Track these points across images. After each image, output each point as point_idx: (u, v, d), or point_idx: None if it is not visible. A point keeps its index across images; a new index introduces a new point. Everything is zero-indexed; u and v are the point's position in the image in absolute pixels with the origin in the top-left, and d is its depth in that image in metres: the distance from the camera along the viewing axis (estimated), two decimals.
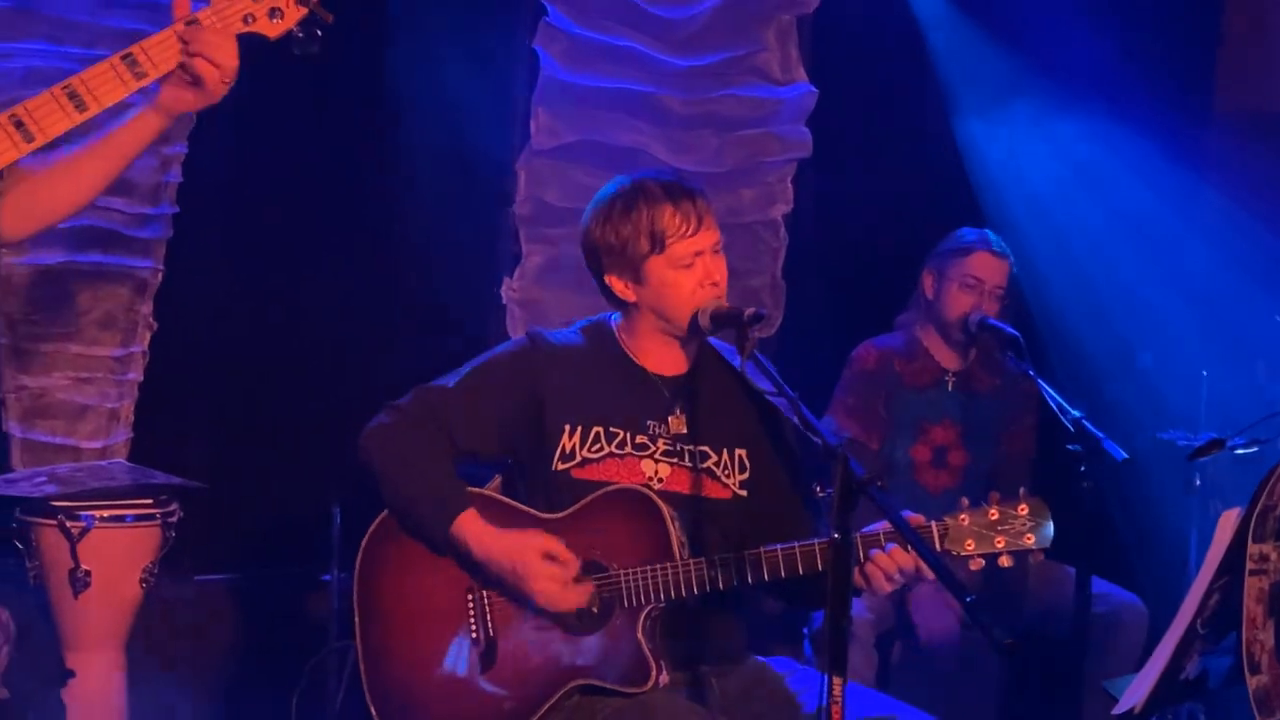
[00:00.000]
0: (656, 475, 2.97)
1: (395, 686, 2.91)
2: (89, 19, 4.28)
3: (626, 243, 2.94)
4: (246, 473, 4.49)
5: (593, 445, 2.96)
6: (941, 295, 4.20)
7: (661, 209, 2.93)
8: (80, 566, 3.74)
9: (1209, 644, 2.48)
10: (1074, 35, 5.17)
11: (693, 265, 2.93)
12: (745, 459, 3.02)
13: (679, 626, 2.90)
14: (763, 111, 5.29)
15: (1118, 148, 5.16)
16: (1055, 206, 5.14)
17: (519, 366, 3.01)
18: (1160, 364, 4.84)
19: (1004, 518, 2.78)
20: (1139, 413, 4.37)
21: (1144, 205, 5.19)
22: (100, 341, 4.44)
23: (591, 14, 5.00)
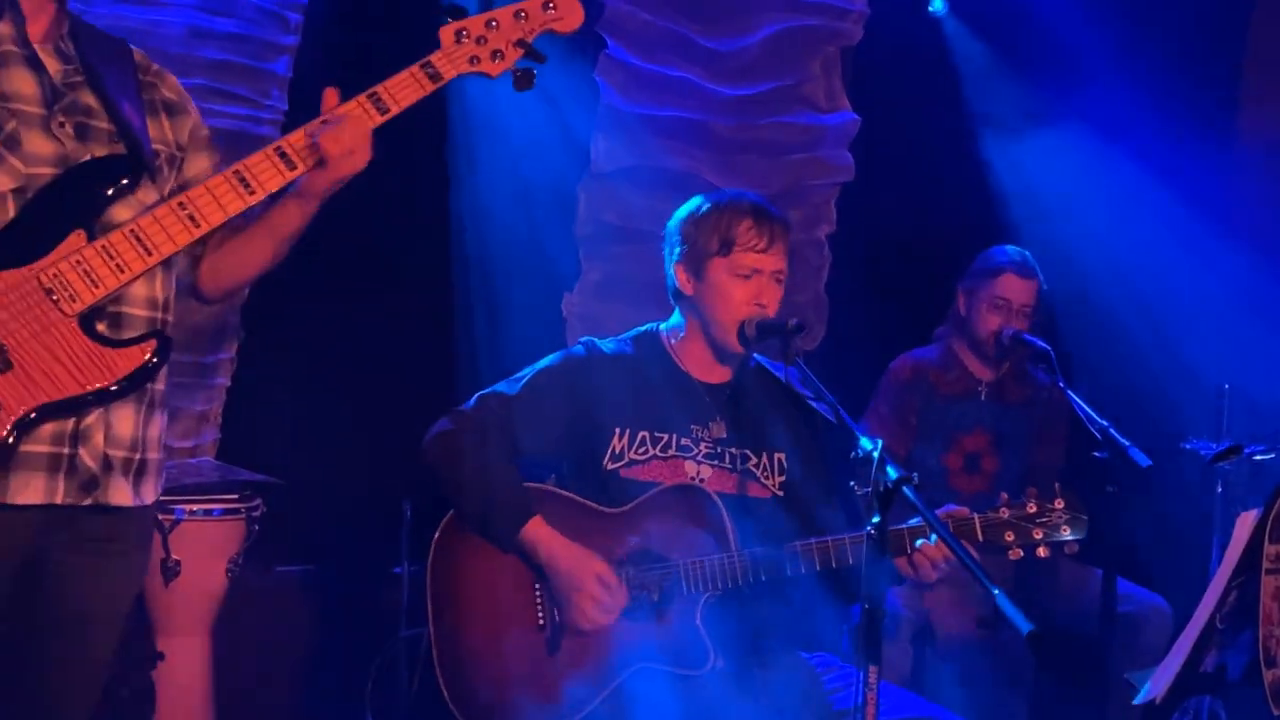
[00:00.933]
0: (699, 476, 2.99)
1: (468, 671, 2.92)
2: (183, 50, 4.34)
3: (700, 237, 2.99)
4: (324, 471, 4.49)
5: (639, 448, 2.99)
6: (973, 313, 4.19)
7: (742, 219, 2.97)
8: (171, 556, 3.77)
9: (1227, 639, 2.47)
10: (1099, 62, 5.14)
11: (750, 280, 2.96)
12: (783, 461, 3.04)
13: (731, 615, 2.91)
14: (808, 137, 5.30)
15: (1143, 168, 5.13)
16: (1081, 224, 5.10)
17: (573, 374, 3.03)
18: (1184, 377, 4.80)
19: (1041, 511, 2.82)
20: (1163, 423, 4.33)
21: (1168, 224, 5.14)
22: (192, 349, 4.46)
23: (648, 47, 5.03)
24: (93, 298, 2.28)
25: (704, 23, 5.12)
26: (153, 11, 4.29)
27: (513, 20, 2.54)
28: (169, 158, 2.49)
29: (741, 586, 2.87)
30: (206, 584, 3.87)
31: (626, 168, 5.04)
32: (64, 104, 2.34)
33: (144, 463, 2.43)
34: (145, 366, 2.31)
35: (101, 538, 2.39)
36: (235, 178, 2.37)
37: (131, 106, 2.40)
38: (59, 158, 2.31)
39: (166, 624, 3.86)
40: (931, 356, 4.28)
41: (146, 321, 2.38)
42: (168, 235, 2.33)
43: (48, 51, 2.37)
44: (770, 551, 2.86)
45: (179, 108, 2.53)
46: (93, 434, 2.33)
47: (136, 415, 2.39)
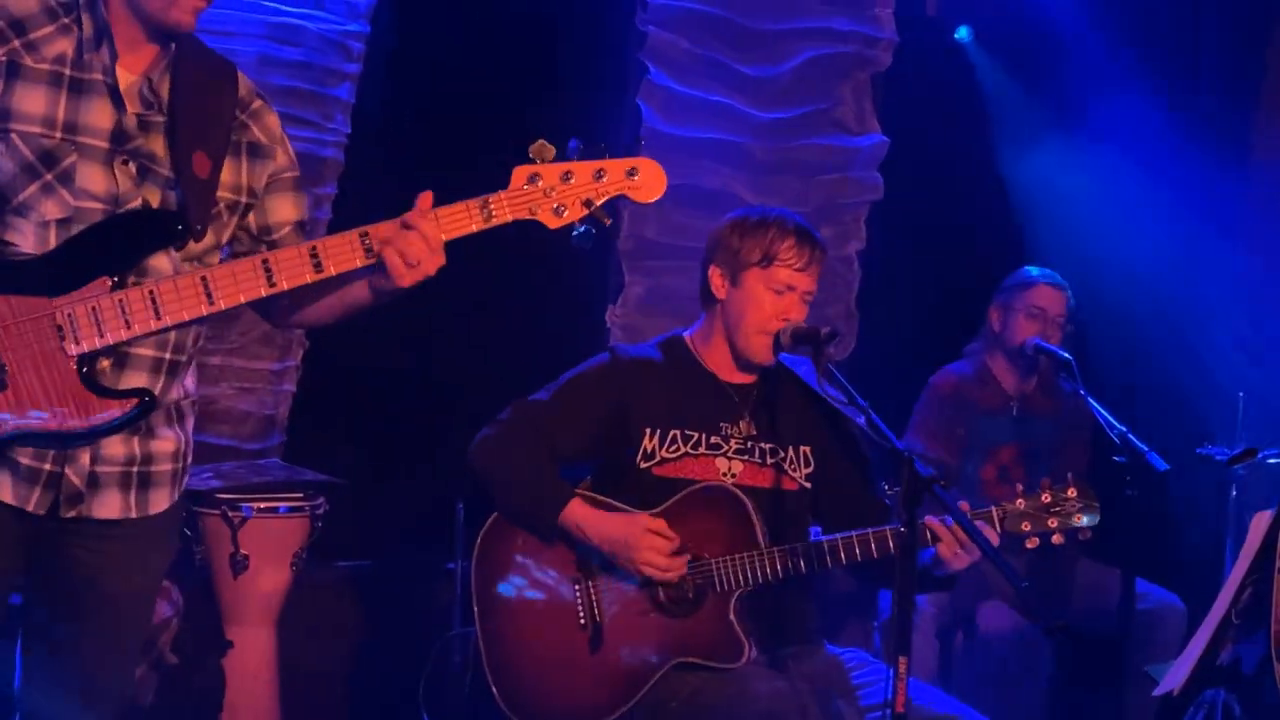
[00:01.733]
0: (730, 471, 2.97)
1: (514, 669, 2.92)
2: (254, 77, 4.31)
3: (743, 246, 2.98)
4: (383, 472, 4.51)
5: (670, 446, 2.97)
6: (1008, 325, 4.16)
7: (786, 237, 2.97)
8: (239, 551, 3.79)
9: (1242, 634, 2.45)
10: (1117, 78, 5.12)
11: (782, 295, 2.96)
12: (810, 455, 3.02)
13: (763, 609, 2.90)
14: (840, 158, 5.27)
15: (1161, 182, 5.09)
16: (1101, 237, 5.07)
17: (603, 379, 3.03)
18: (1201, 385, 4.76)
19: (1055, 500, 2.79)
20: (1181, 429, 4.29)
21: (1186, 237, 5.11)
22: (260, 357, 4.49)
23: (688, 73, 5.03)
24: (94, 345, 2.22)
25: (741, 51, 5.11)
26: (225, 41, 4.31)
27: (590, 179, 2.38)
28: (231, 204, 2.39)
29: (772, 582, 2.85)
30: (273, 577, 3.87)
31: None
32: (132, 145, 2.27)
33: (147, 476, 2.35)
34: (114, 421, 2.23)
35: (94, 542, 2.33)
36: (262, 266, 2.28)
37: (207, 157, 2.31)
38: (111, 196, 2.25)
39: (235, 615, 3.87)
40: (968, 372, 4.26)
41: (152, 361, 2.31)
42: (181, 305, 2.25)
43: (134, 90, 2.29)
44: (799, 547, 2.84)
45: (265, 151, 2.43)
46: (79, 455, 2.27)
47: (128, 439, 2.32)
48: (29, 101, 2.21)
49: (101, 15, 2.25)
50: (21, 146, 2.20)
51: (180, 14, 2.23)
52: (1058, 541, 2.78)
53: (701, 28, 5.02)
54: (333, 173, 4.49)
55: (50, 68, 2.23)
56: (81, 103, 2.24)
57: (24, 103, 2.21)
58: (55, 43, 2.24)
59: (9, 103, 2.20)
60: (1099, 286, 4.86)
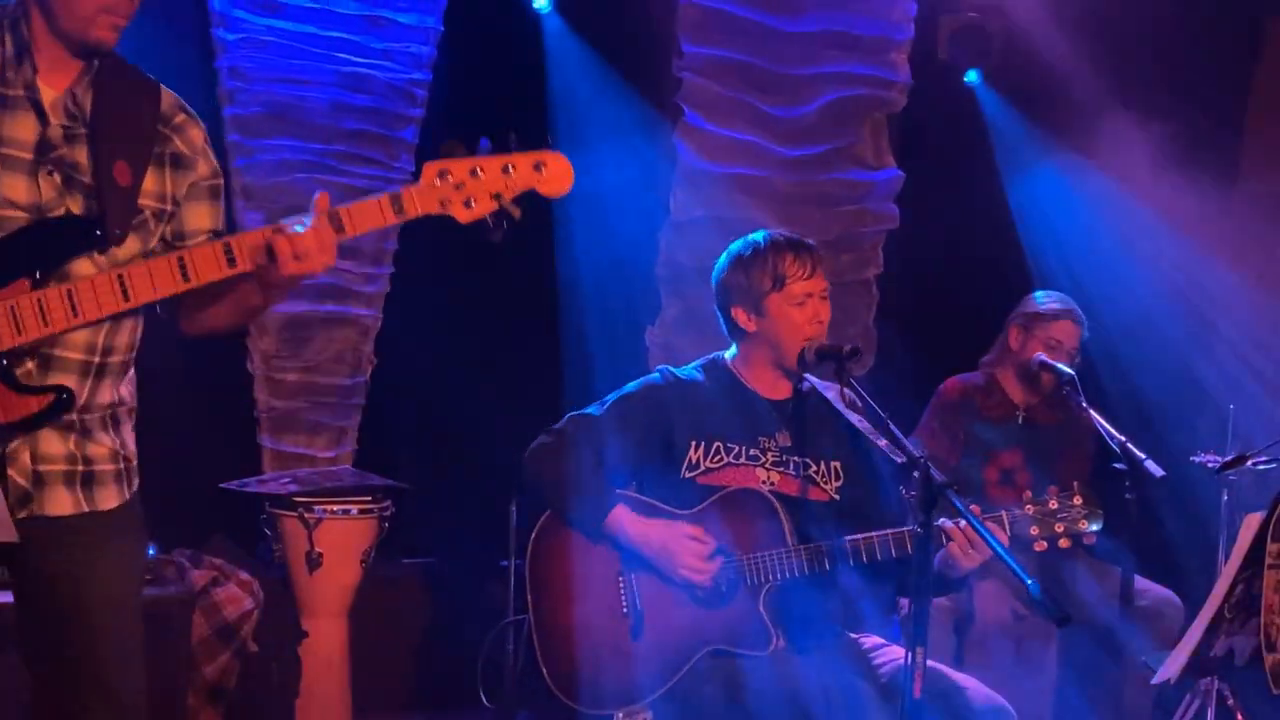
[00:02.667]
0: (768, 479, 2.96)
1: (563, 653, 2.91)
2: (327, 122, 4.42)
3: (753, 281, 2.95)
4: (443, 477, 4.52)
5: (714, 457, 2.95)
6: (1026, 348, 4.11)
7: (784, 255, 2.94)
8: (314, 549, 3.82)
9: (1235, 627, 2.42)
10: (1114, 110, 5.09)
11: (804, 304, 2.93)
12: (840, 469, 3.00)
13: (790, 602, 2.89)
14: (858, 191, 5.26)
15: (1157, 209, 5.05)
16: (1100, 262, 5.03)
17: (652, 396, 3.01)
18: (1195, 398, 4.72)
19: (1062, 507, 2.76)
20: (1176, 439, 4.25)
21: (1179, 260, 5.06)
22: (333, 373, 4.52)
23: (720, 114, 5.03)
24: (13, 343, 2.12)
25: (769, 94, 5.11)
26: (301, 89, 4.38)
27: (498, 174, 2.27)
28: (157, 212, 2.28)
29: (798, 577, 2.84)
30: (344, 573, 3.90)
31: (700, 217, 5.02)
32: (56, 155, 2.18)
33: (90, 475, 2.25)
34: (32, 416, 2.14)
35: (59, 540, 2.23)
36: (177, 263, 2.17)
37: (128, 166, 2.20)
38: (34, 205, 2.16)
39: (310, 607, 3.91)
40: (977, 382, 4.23)
41: (79, 364, 2.21)
42: (98, 303, 2.15)
43: (59, 104, 2.19)
44: (824, 546, 2.83)
45: (186, 162, 2.31)
46: (18, 455, 2.18)
47: (65, 438, 2.22)
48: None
49: (23, 34, 2.17)
50: None
51: (100, 31, 2.15)
52: (1064, 545, 2.75)
53: (732, 73, 5.03)
54: None
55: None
56: (5, 116, 2.16)
57: None
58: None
59: None
60: (1100, 306, 4.83)
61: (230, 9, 4.28)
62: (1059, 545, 2.76)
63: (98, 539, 2.27)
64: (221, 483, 4.07)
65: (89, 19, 2.14)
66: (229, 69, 4.30)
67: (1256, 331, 4.84)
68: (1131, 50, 5.19)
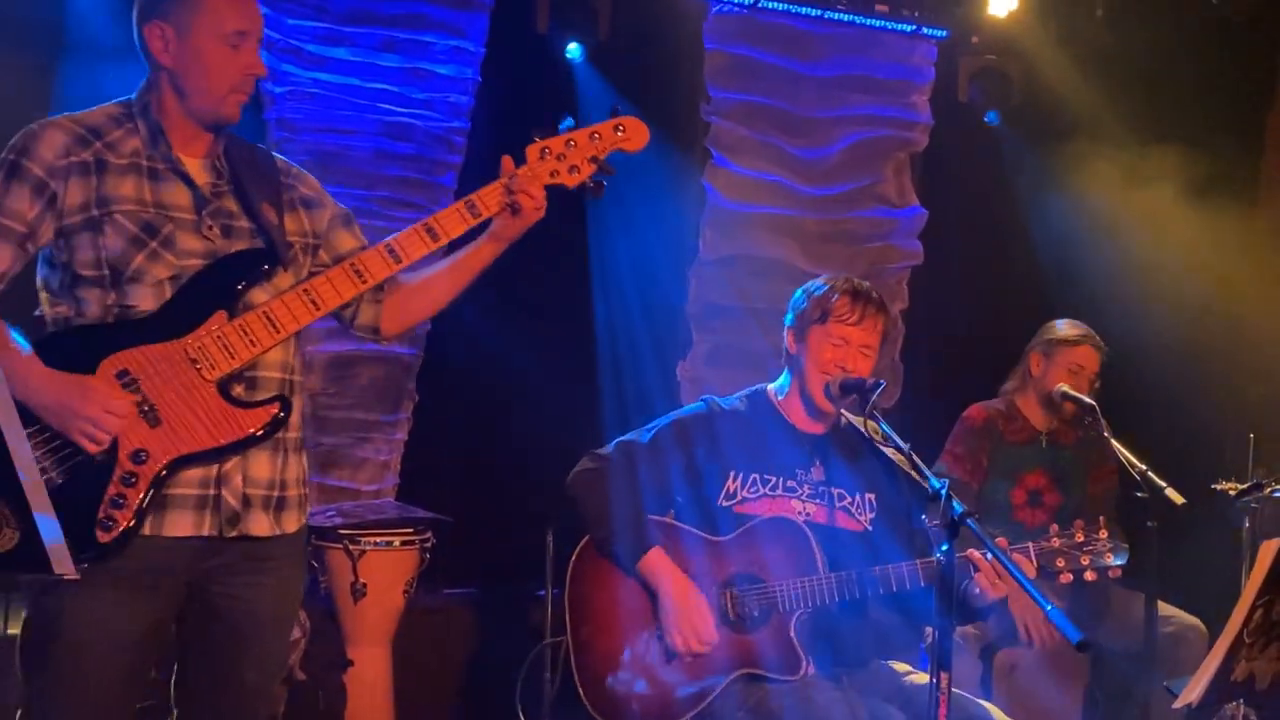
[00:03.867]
0: (804, 511, 2.96)
1: (600, 674, 2.91)
2: (371, 169, 4.49)
3: (808, 307, 3.01)
4: (482, 509, 4.52)
5: (751, 487, 2.96)
6: (1047, 374, 4.08)
7: (842, 297, 2.98)
8: (359, 580, 3.83)
9: (1255, 652, 2.38)
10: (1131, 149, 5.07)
11: (839, 347, 2.94)
12: (873, 501, 3.00)
13: (821, 629, 2.89)
14: (883, 229, 5.28)
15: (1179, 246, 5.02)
16: (1122, 293, 4.99)
17: (694, 426, 3.03)
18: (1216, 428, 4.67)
19: (1088, 540, 2.75)
20: (1199, 467, 4.20)
21: (1201, 294, 5.03)
22: (375, 410, 4.55)
23: (747, 156, 5.08)
24: (229, 366, 2.31)
25: (794, 136, 5.16)
26: (346, 138, 4.46)
27: (588, 140, 2.53)
28: (304, 246, 2.50)
29: (829, 604, 2.83)
30: (388, 602, 3.91)
31: (729, 256, 5.06)
32: (211, 209, 2.37)
33: (283, 499, 2.42)
34: (270, 424, 2.33)
35: (255, 558, 2.39)
36: (350, 269, 2.41)
37: (271, 207, 2.42)
38: (208, 252, 2.34)
39: (355, 635, 3.91)
40: (999, 407, 4.20)
41: (278, 383, 2.39)
42: (293, 316, 2.36)
43: (201, 168, 2.40)
44: (854, 574, 2.83)
45: (315, 202, 2.54)
46: (232, 477, 2.34)
47: (272, 460, 2.40)
48: (122, 188, 2.31)
49: (154, 119, 2.36)
50: (126, 223, 2.30)
51: (229, 109, 2.37)
52: (1090, 578, 2.74)
53: (759, 117, 5.08)
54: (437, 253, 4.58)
55: (129, 160, 2.34)
56: (160, 185, 2.35)
57: (118, 189, 2.31)
58: (127, 142, 2.35)
59: (106, 191, 2.30)
60: (1123, 335, 4.80)
61: (278, 63, 4.37)
62: (1085, 577, 2.75)
63: (278, 561, 2.44)
64: None
65: (221, 98, 2.36)
66: (277, 120, 4.39)
67: (1274, 362, 4.79)
68: (1148, 88, 5.20)
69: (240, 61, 2.34)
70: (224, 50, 2.33)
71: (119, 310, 2.29)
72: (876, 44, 5.16)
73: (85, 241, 2.29)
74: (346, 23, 4.44)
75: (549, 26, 4.65)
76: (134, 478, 2.23)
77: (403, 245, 2.43)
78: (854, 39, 5.14)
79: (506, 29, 4.63)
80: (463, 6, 4.56)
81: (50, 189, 2.28)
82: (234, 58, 2.34)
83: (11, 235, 2.27)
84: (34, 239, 2.29)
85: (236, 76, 2.34)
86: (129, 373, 2.26)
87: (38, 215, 2.28)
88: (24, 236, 2.28)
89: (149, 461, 2.24)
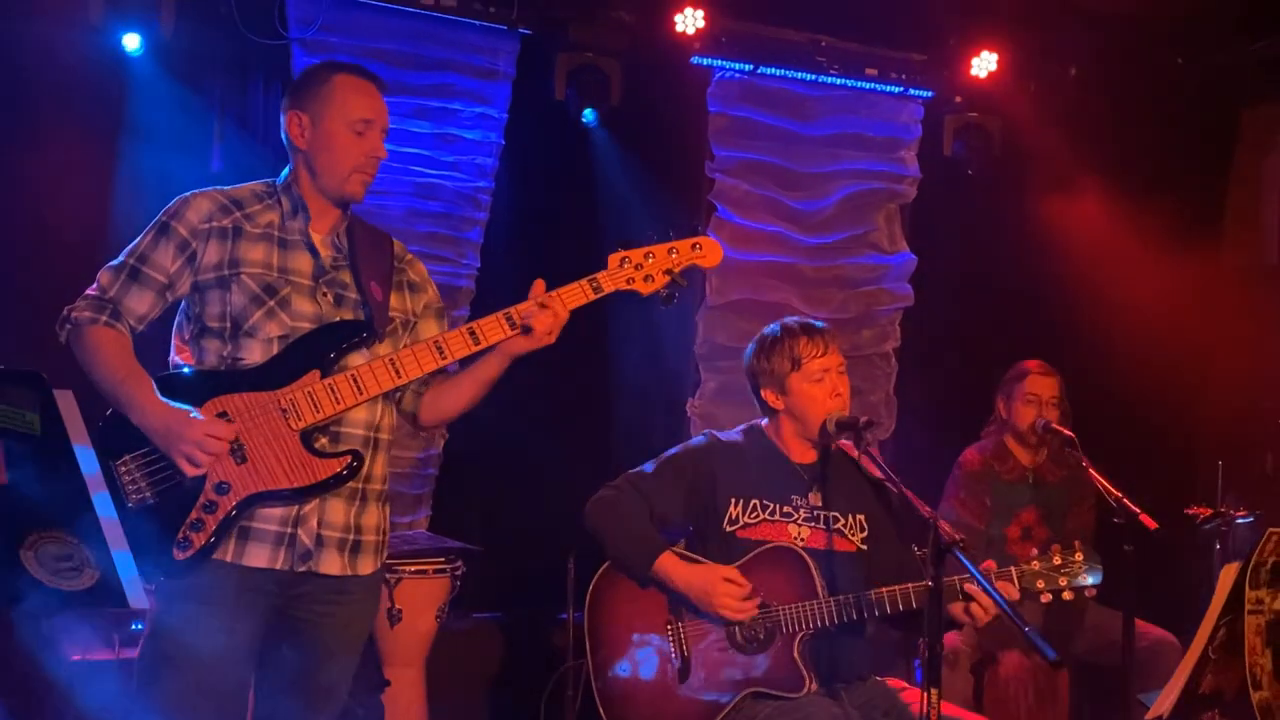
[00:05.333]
0: (799, 535, 2.99)
1: (616, 693, 2.94)
2: (404, 226, 4.54)
3: (775, 365, 3.02)
4: (508, 539, 4.53)
5: (751, 514, 2.99)
6: (1012, 411, 4.15)
7: (798, 339, 3.01)
8: (395, 606, 3.84)
9: (1220, 666, 2.43)
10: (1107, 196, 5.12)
11: (822, 380, 2.98)
12: (864, 522, 3.02)
13: (822, 648, 2.91)
14: (876, 274, 5.33)
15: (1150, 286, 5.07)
16: (1101, 333, 5.02)
17: (699, 457, 3.06)
18: (1188, 457, 4.69)
19: (1065, 563, 2.78)
20: (1173, 493, 4.24)
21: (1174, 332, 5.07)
22: (409, 448, 4.57)
23: (749, 209, 5.13)
24: (313, 419, 2.41)
25: (792, 189, 5.21)
26: (381, 198, 4.52)
27: (665, 255, 2.62)
28: (404, 322, 2.63)
29: (829, 626, 2.86)
30: (421, 627, 3.91)
31: (734, 300, 5.10)
32: (327, 279, 2.52)
33: (358, 543, 2.50)
34: (337, 475, 2.42)
35: (331, 591, 2.48)
36: (434, 345, 2.50)
37: (379, 285, 2.56)
38: (317, 316, 2.48)
39: (391, 658, 3.91)
40: (990, 449, 4.22)
41: (361, 439, 2.48)
42: (376, 381, 2.46)
43: (325, 242, 2.57)
44: (851, 598, 2.85)
45: (419, 287, 2.69)
46: (309, 519, 2.43)
47: (348, 507, 2.48)
48: (252, 253, 2.49)
49: (296, 194, 2.55)
50: (250, 284, 2.46)
51: (353, 187, 2.54)
52: (1068, 598, 2.78)
53: (759, 173, 5.14)
54: (465, 298, 4.64)
55: (263, 230, 2.52)
56: (288, 254, 2.51)
57: (249, 254, 2.48)
58: (265, 214, 2.54)
59: (238, 254, 2.48)
60: (1100, 371, 4.83)
61: None
62: (1063, 597, 2.78)
63: (351, 599, 2.53)
64: None
65: (345, 177, 2.53)
66: None
67: (1242, 396, 4.83)
68: (1119, 139, 5.27)
69: (364, 146, 2.50)
70: (350, 136, 2.49)
71: (231, 361, 2.45)
72: (867, 105, 5.23)
73: (215, 297, 2.46)
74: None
75: (566, 94, 4.72)
76: (214, 506, 2.34)
77: (483, 330, 2.52)
78: (846, 100, 5.21)
79: (527, 97, 4.70)
80: (487, 77, 4.65)
81: (192, 248, 2.47)
82: (358, 143, 2.50)
83: (154, 284, 2.46)
84: (173, 289, 2.48)
85: (360, 158, 2.50)
86: (227, 414, 2.39)
87: (178, 270, 2.47)
88: (164, 286, 2.47)
89: (229, 494, 2.35)
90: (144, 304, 2.46)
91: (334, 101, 2.51)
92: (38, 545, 1.83)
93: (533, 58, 4.69)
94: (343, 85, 2.53)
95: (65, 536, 1.81)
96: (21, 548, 1.83)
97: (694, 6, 4.72)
